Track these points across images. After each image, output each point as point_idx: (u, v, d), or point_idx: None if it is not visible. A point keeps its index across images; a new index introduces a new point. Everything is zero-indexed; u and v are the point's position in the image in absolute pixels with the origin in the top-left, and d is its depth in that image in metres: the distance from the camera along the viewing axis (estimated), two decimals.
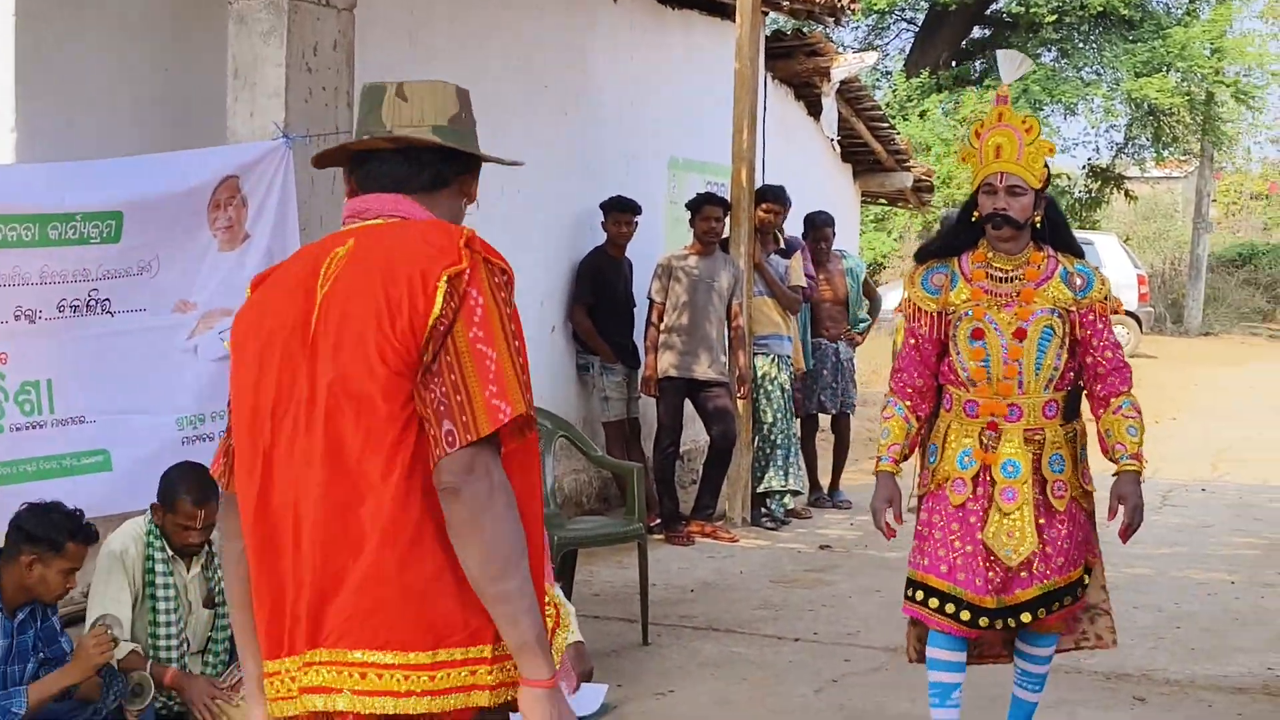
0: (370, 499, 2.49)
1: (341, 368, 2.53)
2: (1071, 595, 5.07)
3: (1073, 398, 5.15)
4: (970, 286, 5.07)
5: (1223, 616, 8.05)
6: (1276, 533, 10.79)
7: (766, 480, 10.44)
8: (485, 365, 2.49)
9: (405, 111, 2.74)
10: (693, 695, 6.39)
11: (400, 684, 2.47)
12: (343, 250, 2.64)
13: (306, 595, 2.53)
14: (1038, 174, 5.01)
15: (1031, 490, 4.95)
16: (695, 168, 11.71)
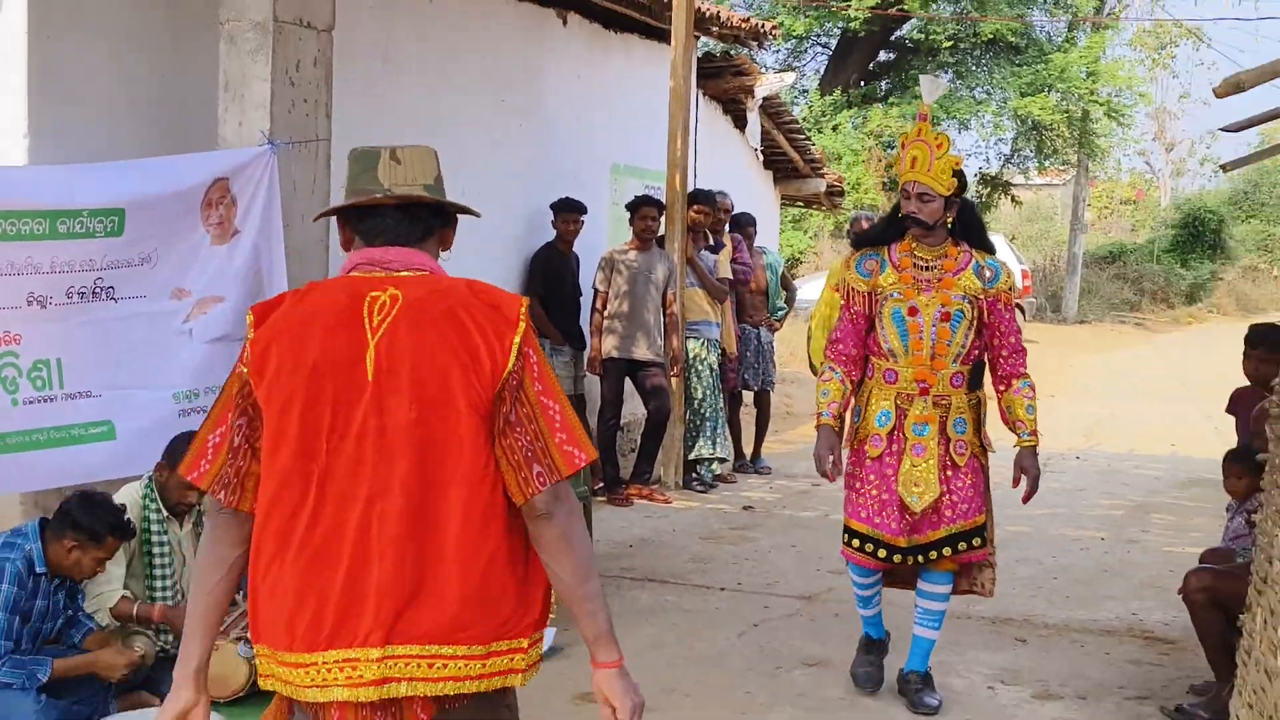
0: (453, 526, 2.61)
1: (424, 410, 2.61)
2: (980, 538, 5.32)
3: (976, 371, 5.39)
4: (898, 272, 5.34)
5: (1094, 569, 8.15)
6: (1140, 496, 10.93)
7: (697, 449, 10.48)
8: (551, 416, 2.68)
9: (400, 172, 2.78)
10: (630, 639, 6.38)
11: (461, 670, 2.62)
12: (385, 295, 2.68)
13: (373, 602, 2.59)
14: (946, 184, 5.24)
15: (937, 447, 5.25)
16: (635, 173, 11.70)
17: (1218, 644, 5.30)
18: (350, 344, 2.64)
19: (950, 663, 6.11)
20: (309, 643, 2.62)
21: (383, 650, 2.59)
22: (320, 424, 2.63)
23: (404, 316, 2.65)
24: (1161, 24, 30.46)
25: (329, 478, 2.62)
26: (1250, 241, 33.61)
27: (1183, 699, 5.58)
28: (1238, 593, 4.97)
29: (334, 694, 2.62)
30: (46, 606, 4.98)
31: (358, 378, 2.63)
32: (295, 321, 2.71)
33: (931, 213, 5.26)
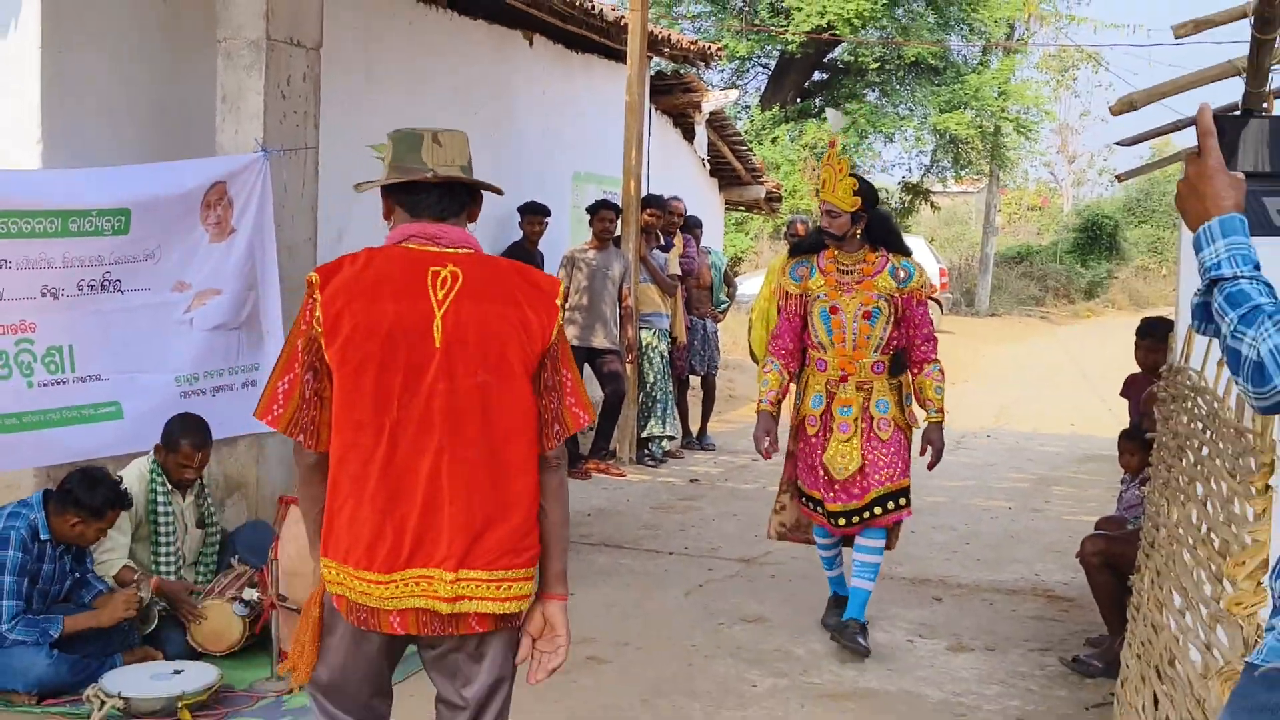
0: (512, 469, 2.80)
1: (491, 373, 2.77)
2: (904, 498, 5.56)
3: (898, 359, 5.60)
4: (824, 276, 5.58)
5: (1002, 535, 8.21)
6: (1043, 470, 11.02)
7: (649, 427, 10.49)
8: (567, 383, 2.90)
9: (441, 154, 2.86)
10: (588, 597, 6.42)
11: (519, 591, 2.83)
12: (446, 272, 2.79)
13: (446, 533, 2.75)
14: (848, 202, 5.48)
15: (860, 425, 5.49)
16: (594, 179, 11.70)
17: (1110, 602, 5.36)
18: (420, 314, 2.75)
19: (874, 618, 6.15)
20: (389, 565, 2.76)
21: (456, 574, 2.76)
22: (393, 384, 2.73)
23: (467, 292, 2.77)
24: (1065, 49, 30.64)
25: (400, 430, 2.74)
26: (1142, 244, 33.88)
27: (1079, 650, 5.63)
28: (1128, 556, 5.04)
29: (410, 603, 2.78)
30: (53, 570, 4.95)
31: (427, 344, 2.74)
32: (364, 287, 2.78)
33: (839, 226, 5.51)
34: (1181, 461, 4.00)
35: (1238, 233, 2.10)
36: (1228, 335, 2.04)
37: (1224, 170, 2.15)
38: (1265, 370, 1.97)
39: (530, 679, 2.96)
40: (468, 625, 2.82)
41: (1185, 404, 4.22)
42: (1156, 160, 16.55)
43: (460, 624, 2.81)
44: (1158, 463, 4.65)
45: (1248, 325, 1.99)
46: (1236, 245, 2.08)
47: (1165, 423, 4.65)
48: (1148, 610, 4.02)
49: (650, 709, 4.89)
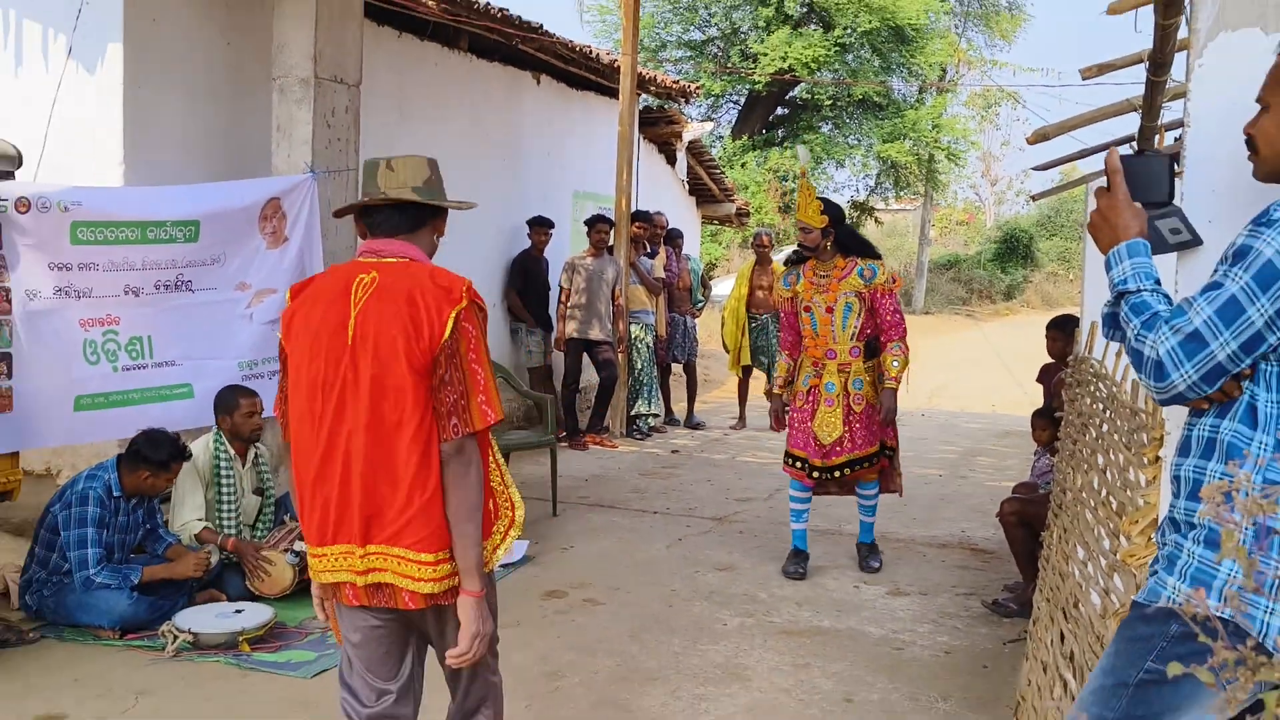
0: (402, 456, 2.58)
1: (380, 367, 2.59)
2: (872, 460, 5.93)
3: (871, 346, 5.90)
4: (807, 283, 5.90)
5: (934, 498, 8.22)
6: (968, 443, 11.03)
7: (636, 406, 10.49)
8: (477, 379, 2.61)
9: (393, 178, 2.75)
10: (585, 549, 6.43)
11: (420, 572, 2.62)
12: (368, 278, 2.66)
13: (355, 512, 2.63)
14: (818, 220, 5.79)
15: (841, 400, 5.84)
16: (591, 197, 11.67)
17: (1024, 554, 5.38)
18: (340, 314, 2.65)
19: (825, 568, 6.16)
20: (320, 538, 2.69)
21: (364, 549, 2.64)
22: (318, 376, 2.65)
23: (376, 295, 2.63)
24: (988, 89, 30.63)
25: (324, 417, 2.65)
26: (1053, 253, 33.88)
27: (999, 594, 5.65)
28: (1040, 515, 5.05)
29: (340, 576, 2.69)
30: (127, 522, 4.97)
31: (342, 340, 2.63)
32: (311, 296, 2.73)
33: (811, 240, 5.81)
34: (1085, 436, 4.01)
35: (1141, 254, 2.12)
36: (1132, 339, 2.05)
37: (1129, 203, 2.17)
38: (1164, 368, 1.98)
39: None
40: (400, 599, 2.67)
41: (1089, 388, 4.23)
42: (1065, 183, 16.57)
43: (392, 596, 2.67)
44: (1065, 437, 4.66)
45: (1149, 330, 2.01)
46: (1140, 265, 2.10)
47: (1071, 404, 4.66)
48: (1056, 561, 4.04)
49: (637, 642, 4.90)
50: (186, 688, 4.29)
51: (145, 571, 4.83)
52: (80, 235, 5.03)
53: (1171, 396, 2.01)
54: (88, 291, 5.10)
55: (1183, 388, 1.98)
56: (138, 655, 4.60)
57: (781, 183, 26.88)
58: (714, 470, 9.00)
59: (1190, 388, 1.98)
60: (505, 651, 4.68)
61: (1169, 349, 1.97)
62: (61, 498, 4.86)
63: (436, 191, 2.80)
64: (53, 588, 4.84)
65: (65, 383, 5.07)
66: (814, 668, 4.66)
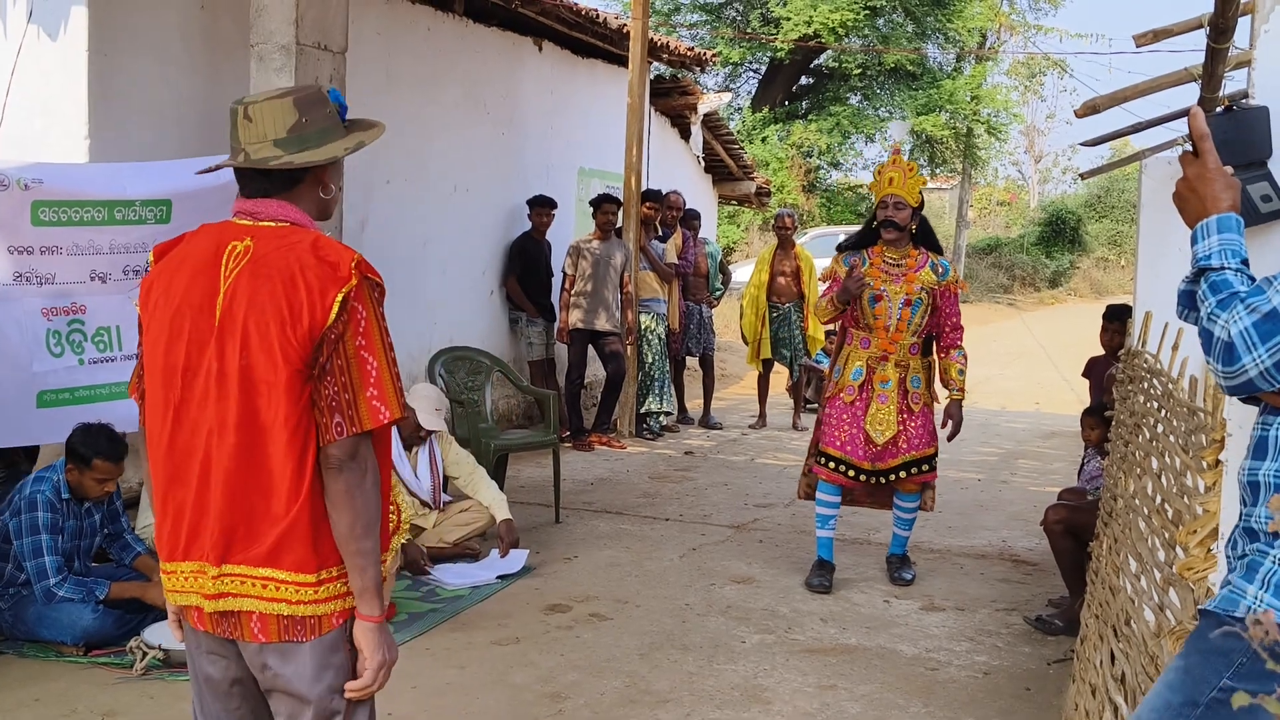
0: (276, 460, 2.37)
1: (250, 357, 2.37)
2: (928, 464, 6.00)
3: (928, 342, 6.03)
4: (875, 269, 5.90)
5: (971, 504, 8.22)
6: (1010, 444, 11.03)
7: (647, 404, 10.49)
8: (367, 370, 2.38)
9: (251, 130, 2.47)
10: (590, 559, 6.44)
11: (293, 594, 2.40)
12: (241, 246, 2.44)
13: (213, 524, 2.41)
14: (915, 197, 5.90)
15: (897, 397, 5.89)
16: (597, 175, 11.67)
17: (1071, 566, 5.37)
18: (206, 289, 2.42)
19: (853, 580, 6.16)
20: (170, 552, 2.48)
21: (219, 569, 2.42)
22: (177, 360, 2.43)
23: (248, 268, 2.40)
24: (1032, 57, 30.56)
25: (183, 407, 2.43)
26: (1103, 237, 33.78)
27: (1043, 610, 5.64)
28: (1088, 524, 5.04)
29: (190, 599, 2.47)
30: (78, 526, 4.93)
31: (207, 320, 2.41)
32: (175, 261, 2.51)
33: (903, 218, 5.85)
34: (1138, 438, 4.00)
35: (1232, 230, 2.09)
36: (1204, 318, 2.02)
37: (1221, 172, 2.12)
38: (1234, 350, 1.96)
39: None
40: (248, 631, 2.42)
41: (1142, 385, 4.22)
42: (1116, 160, 16.53)
43: (238, 626, 2.43)
44: (1116, 439, 4.65)
45: (1223, 309, 1.98)
46: (1229, 241, 2.07)
47: (1123, 402, 4.65)
48: (1106, 574, 4.03)
49: (648, 661, 4.91)
50: (156, 708, 4.30)
51: (113, 588, 4.84)
52: (42, 216, 5.04)
53: (1240, 384, 1.98)
54: (50, 277, 5.11)
55: (1254, 374, 1.96)
56: (104, 673, 4.62)
57: (805, 159, 26.84)
58: (731, 473, 9.00)
59: (1262, 375, 1.96)
60: (504, 670, 4.70)
61: (1241, 329, 1.95)
62: (10, 504, 4.87)
63: (310, 139, 2.50)
64: (10, 600, 4.85)
65: (26, 377, 5.08)
66: (840, 689, 4.66)
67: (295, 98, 2.50)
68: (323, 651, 2.43)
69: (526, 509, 7.41)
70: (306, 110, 2.50)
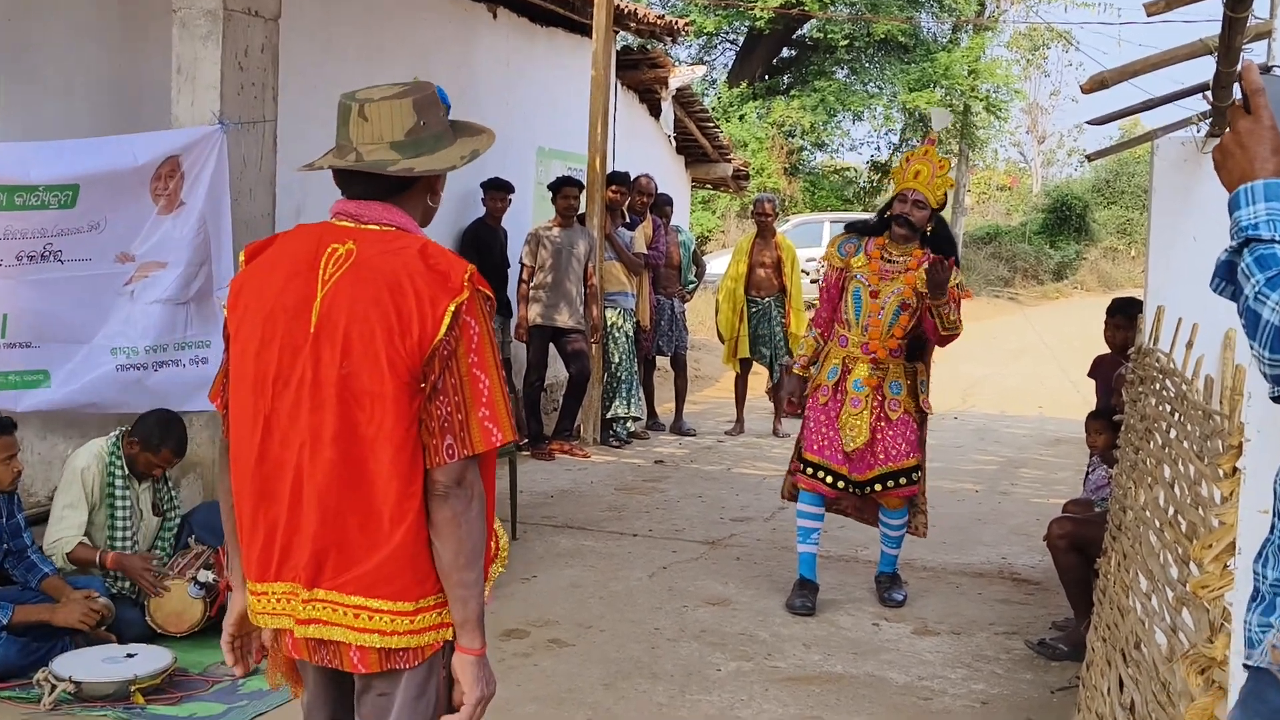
0: (380, 480, 2.44)
1: (353, 366, 2.44)
2: (906, 478, 5.94)
3: (914, 345, 6.01)
4: (868, 260, 5.94)
5: (968, 518, 8.25)
6: (1010, 452, 11.08)
7: (613, 408, 10.49)
8: (479, 389, 2.46)
9: (366, 130, 2.56)
10: (551, 580, 6.42)
11: (388, 625, 2.47)
12: (343, 249, 2.51)
13: (307, 543, 2.49)
14: (938, 198, 5.98)
15: (870, 402, 5.88)
16: (558, 155, 11.65)
17: (1077, 585, 5.39)
18: (302, 292, 2.50)
19: (839, 601, 6.17)
20: (261, 571, 2.55)
21: (310, 592, 2.50)
22: (269, 367, 2.50)
23: (350, 273, 2.48)
24: (1035, 28, 30.74)
25: (274, 419, 2.50)
26: (1111, 225, 34.02)
27: (1045, 633, 5.67)
28: (1095, 539, 5.07)
29: (282, 621, 2.55)
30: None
31: (303, 326, 2.48)
32: (269, 262, 2.58)
33: (920, 219, 5.90)
34: (1149, 444, 4.03)
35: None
36: (1250, 297, 1.95)
37: (1275, 132, 2.06)
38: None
39: None
40: (346, 659, 2.52)
41: (1153, 386, 4.24)
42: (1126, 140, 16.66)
43: (335, 654, 2.53)
44: (1125, 445, 4.68)
45: (1273, 288, 1.92)
46: (1278, 211, 2.00)
47: (1133, 405, 4.68)
48: (1114, 593, 4.05)
49: (613, 692, 4.89)
50: None
51: (17, 612, 4.78)
52: None
53: None
54: None
55: None
56: (7, 708, 4.56)
57: (787, 139, 26.91)
58: (706, 484, 9.01)
59: None
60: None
61: None
62: None
63: (425, 142, 2.59)
64: None
65: None
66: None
67: (415, 99, 2.58)
68: (418, 682, 2.53)
69: None
70: (425, 113, 2.59)
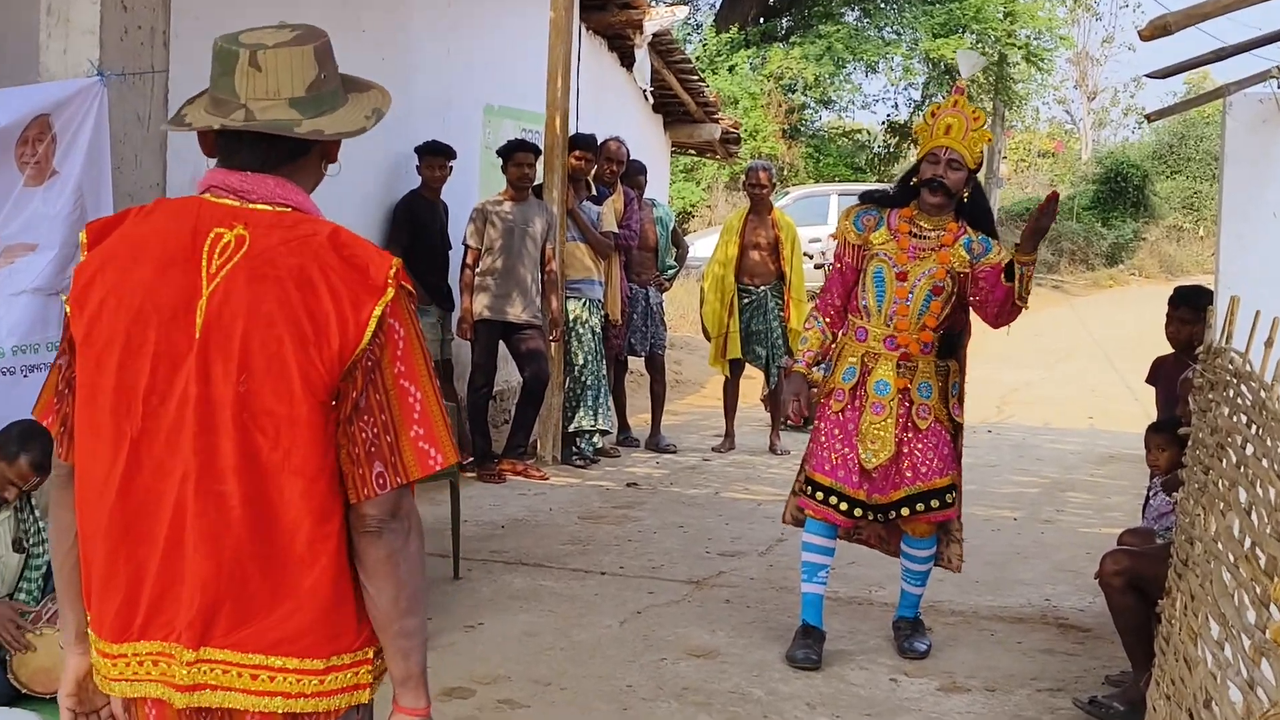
0: (287, 517, 2.40)
1: (254, 382, 2.38)
2: (939, 500, 5.89)
3: (947, 340, 5.89)
4: (892, 236, 5.87)
5: (1005, 551, 8.27)
6: (1056, 472, 11.12)
7: (577, 420, 10.48)
8: (409, 403, 2.44)
9: (260, 83, 2.46)
10: (501, 628, 6.40)
11: (293, 686, 2.44)
12: (231, 236, 2.42)
13: (193, 595, 2.42)
14: (975, 156, 5.85)
15: (897, 407, 5.78)
16: (510, 114, 11.64)
17: (1135, 631, 5.39)
18: (181, 289, 2.41)
19: (849, 652, 6.17)
20: (120, 629, 2.47)
21: (196, 653, 2.43)
22: (138, 381, 2.41)
23: (246, 266, 2.40)
24: None
25: (144, 443, 2.42)
26: (1175, 199, 34.26)
27: (1098, 690, 5.67)
28: (1157, 576, 5.07)
29: (148, 689, 2.47)
30: None
31: (185, 331, 2.39)
32: (129, 248, 2.47)
33: (956, 181, 5.79)
34: (1221, 462, 4.03)
35: None
36: None
37: None
38: None
39: None
40: None
41: (1226, 393, 4.25)
42: (1193, 97, 16.73)
43: None
44: (1193, 463, 4.68)
45: None
46: None
47: (1202, 415, 4.69)
48: (1179, 641, 4.05)
49: None
50: None
51: None
52: None
53: None
54: None
55: None
56: None
57: (787, 94, 26.95)
58: (689, 512, 9.01)
59: None
60: None
61: None
62: None
63: (326, 97, 2.54)
64: None
65: None
66: None
67: (316, 46, 2.54)
68: None
69: None
70: (325, 64, 2.55)
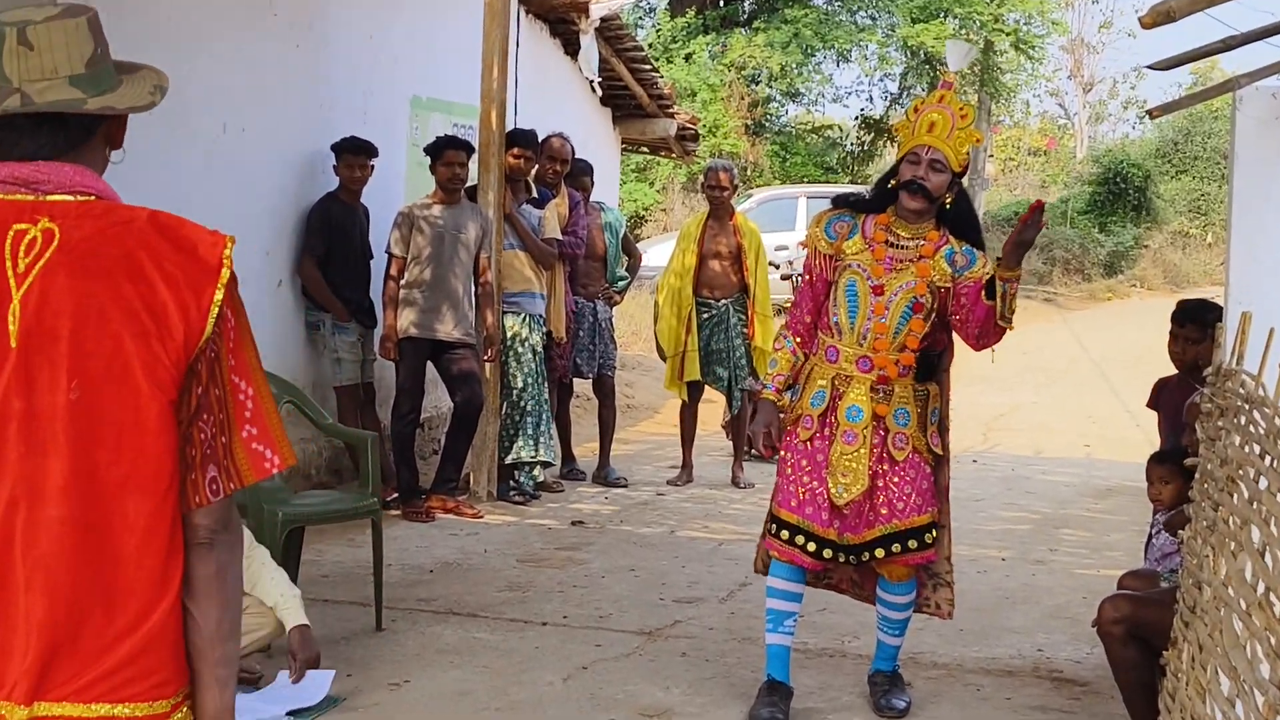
0: (134, 539, 2.38)
1: (93, 390, 2.36)
2: (918, 540, 5.85)
3: (926, 361, 5.84)
4: (867, 245, 5.84)
5: (993, 596, 8.27)
6: (1048, 507, 11.15)
7: (515, 450, 10.44)
8: (241, 401, 2.45)
9: (34, 62, 2.44)
10: (430, 685, 6.37)
11: None
12: (36, 231, 2.40)
13: (29, 641, 2.36)
14: (961, 158, 5.81)
15: (870, 436, 5.74)
16: (440, 108, 11.64)
17: (1137, 686, 5.41)
18: None
19: (820, 710, 6.17)
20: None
21: (29, 710, 2.37)
22: None
23: (63, 262, 2.39)
24: None
25: None
26: (1180, 202, 34.51)
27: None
28: (1161, 624, 5.09)
29: None
30: None
31: (1, 345, 2.37)
32: None
33: (938, 185, 5.75)
34: (1232, 497, 4.05)
35: None
36: None
37: None
38: None
39: None
40: None
41: (1237, 419, 4.27)
42: (1200, 91, 16.88)
43: None
44: (1200, 498, 4.70)
45: None
46: None
47: (1210, 444, 4.71)
48: (1186, 698, 4.06)
49: None
50: None
51: None
52: None
53: None
54: None
55: None
56: None
57: (750, 87, 27.03)
58: (640, 553, 9.00)
59: None
60: None
61: None
62: None
63: (106, 77, 2.53)
64: None
65: None
66: None
67: (89, 19, 2.51)
68: None
69: (333, 609, 7.33)
70: (100, 38, 2.52)
